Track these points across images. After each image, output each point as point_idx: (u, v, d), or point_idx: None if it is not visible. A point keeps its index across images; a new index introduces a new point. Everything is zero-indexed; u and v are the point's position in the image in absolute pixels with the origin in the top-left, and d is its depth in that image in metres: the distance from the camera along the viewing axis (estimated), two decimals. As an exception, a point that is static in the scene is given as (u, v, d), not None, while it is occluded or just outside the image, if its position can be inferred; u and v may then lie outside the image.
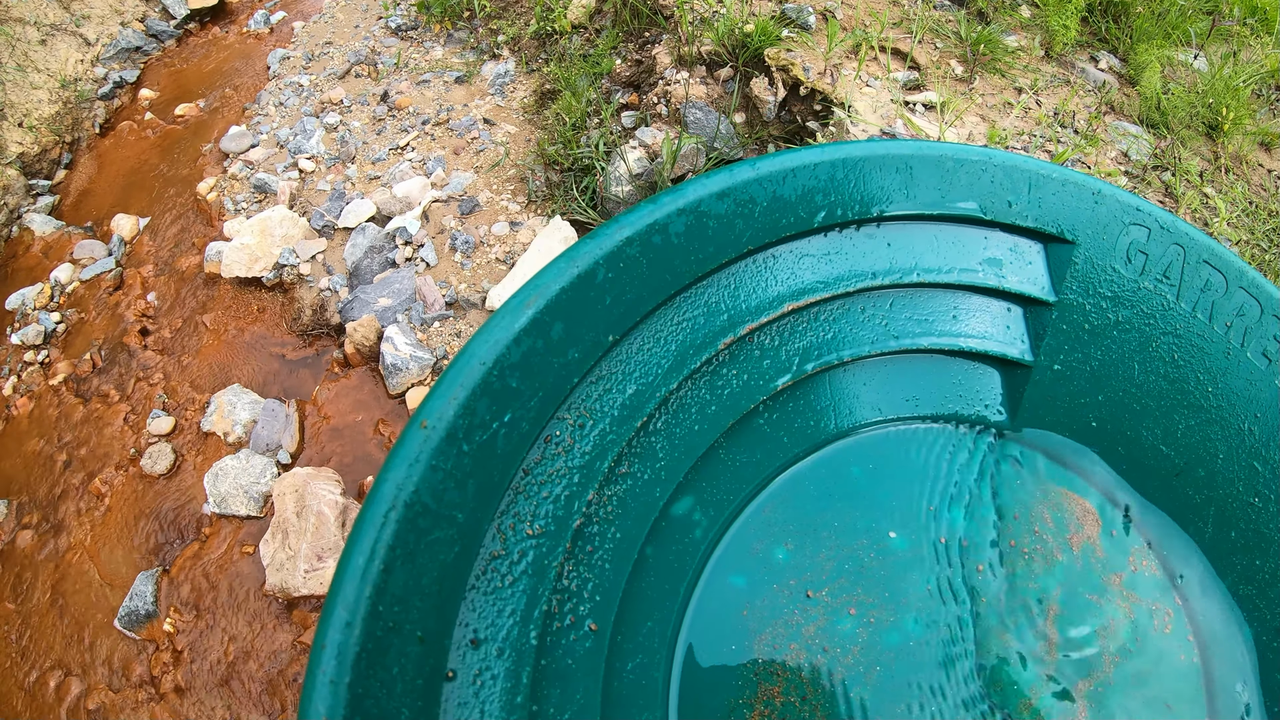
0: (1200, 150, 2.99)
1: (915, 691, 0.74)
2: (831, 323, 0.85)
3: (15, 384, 3.11)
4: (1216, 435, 0.87)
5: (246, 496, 2.57)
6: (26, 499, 2.87)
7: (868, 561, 0.81)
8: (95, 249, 3.43)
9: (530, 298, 0.63)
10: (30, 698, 2.47)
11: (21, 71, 4.05)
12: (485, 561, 0.61)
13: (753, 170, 0.73)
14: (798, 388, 0.85)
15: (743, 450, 0.83)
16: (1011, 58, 2.95)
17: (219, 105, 3.98)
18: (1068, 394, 0.91)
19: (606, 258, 0.66)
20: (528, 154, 3.10)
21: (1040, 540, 0.85)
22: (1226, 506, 0.87)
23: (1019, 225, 0.86)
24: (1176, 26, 3.17)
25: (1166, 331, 0.88)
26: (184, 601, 2.53)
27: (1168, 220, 0.87)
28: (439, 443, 0.57)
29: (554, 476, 0.67)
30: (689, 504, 0.79)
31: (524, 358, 0.62)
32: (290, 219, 3.08)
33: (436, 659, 0.56)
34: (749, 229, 0.74)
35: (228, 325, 3.05)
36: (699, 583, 0.78)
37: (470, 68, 3.55)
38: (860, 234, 0.82)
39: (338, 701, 0.48)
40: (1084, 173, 0.85)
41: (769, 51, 2.77)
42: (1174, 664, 0.81)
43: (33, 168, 3.84)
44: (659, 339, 0.74)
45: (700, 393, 0.78)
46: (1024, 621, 0.80)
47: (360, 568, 0.52)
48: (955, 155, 0.81)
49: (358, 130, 3.39)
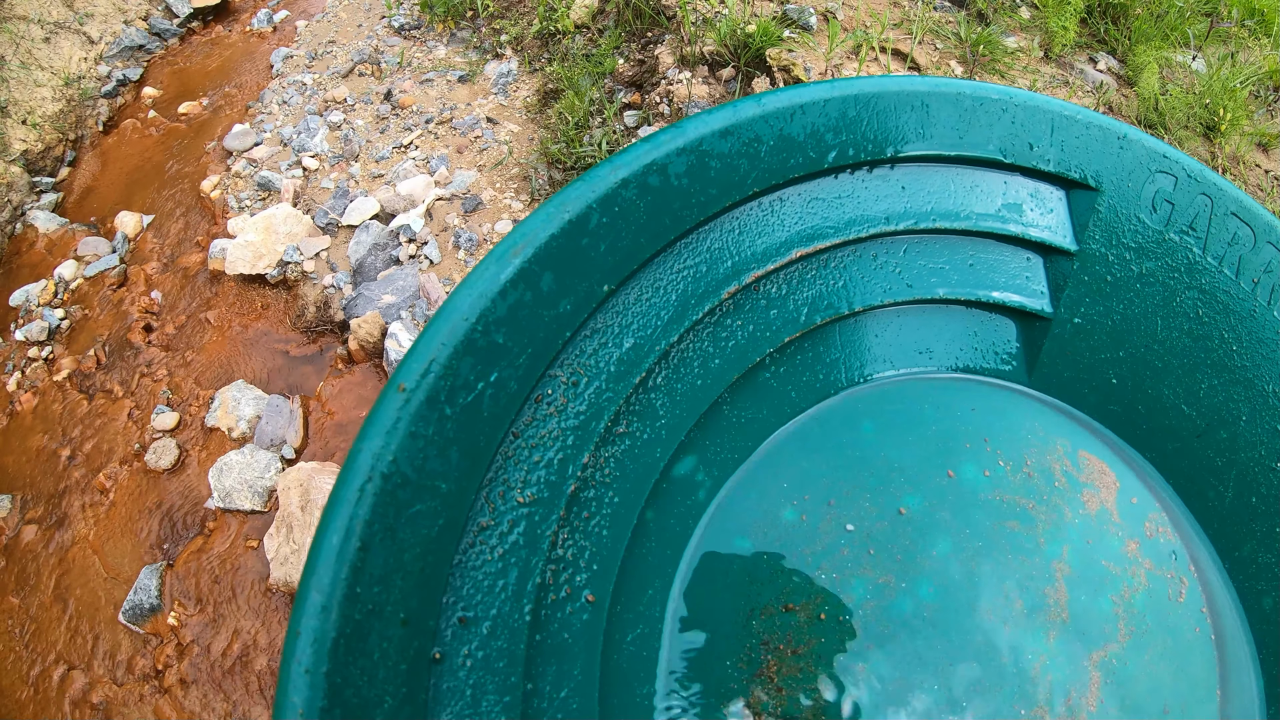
0: (1198, 151, 3.01)
1: (928, 659, 0.71)
2: (842, 270, 0.80)
3: (19, 380, 3.12)
4: (1240, 396, 0.83)
5: (251, 491, 2.59)
6: (30, 494, 2.89)
7: (879, 523, 0.76)
8: (99, 246, 3.45)
9: (517, 246, 0.58)
10: (34, 691, 2.48)
11: (25, 69, 4.07)
12: (473, 534, 0.57)
13: (758, 106, 0.68)
14: (806, 339, 0.81)
15: (748, 406, 0.78)
16: (1011, 59, 2.97)
17: (222, 103, 4.00)
18: (1087, 349, 0.87)
19: (600, 201, 0.61)
20: (531, 152, 3.12)
21: (1056, 501, 0.81)
22: (1248, 471, 0.83)
23: (1040, 169, 0.81)
24: (1175, 28, 3.20)
25: (1191, 286, 0.84)
26: (188, 595, 2.55)
27: (1195, 169, 0.82)
28: (419, 407, 0.53)
29: (546, 439, 0.62)
30: (691, 464, 0.75)
31: (511, 311, 0.58)
32: (294, 216, 3.10)
33: (422, 641, 0.53)
34: (754, 170, 0.69)
35: (231, 322, 3.07)
36: (703, 547, 0.74)
37: (473, 67, 3.57)
38: (873, 176, 0.78)
39: (315, 693, 0.45)
40: (1108, 115, 0.83)
41: (770, 52, 2.80)
42: (1188, 634, 0.79)
43: (36, 165, 3.85)
44: (658, 289, 0.69)
45: (703, 346, 0.73)
46: (1039, 586, 0.76)
47: (335, 547, 0.48)
48: (974, 93, 0.77)
49: (361, 128, 3.41)
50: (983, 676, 0.71)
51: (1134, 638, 0.76)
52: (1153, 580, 0.80)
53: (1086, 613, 0.76)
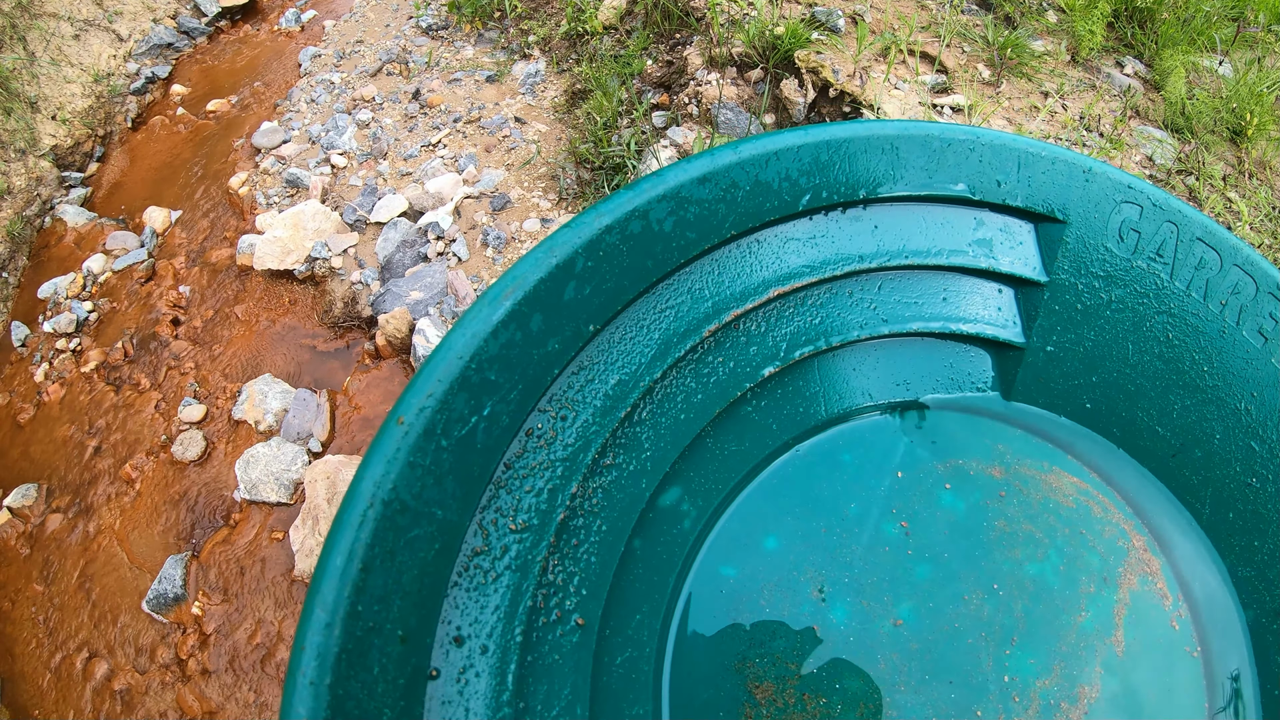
0: (1224, 155, 3.01)
1: (911, 681, 0.73)
2: (819, 307, 0.83)
3: (47, 371, 3.15)
4: (1213, 415, 0.86)
5: (277, 483, 2.60)
6: (57, 483, 2.91)
7: (861, 549, 0.79)
8: (127, 240, 3.48)
9: (508, 289, 0.61)
10: (57, 678, 2.49)
11: (55, 66, 4.12)
12: (467, 558, 0.60)
13: (734, 154, 0.71)
14: (786, 374, 0.84)
15: (731, 439, 0.81)
16: (1038, 62, 2.98)
17: (250, 101, 4.04)
18: (1061, 375, 0.90)
19: (585, 246, 0.64)
20: (559, 152, 3.14)
21: (1036, 524, 0.83)
22: (1224, 487, 0.85)
23: (1009, 205, 0.84)
24: (1201, 33, 3.20)
25: (1161, 311, 0.86)
26: (212, 585, 2.55)
27: (1160, 198, 0.85)
28: (416, 439, 0.56)
29: (536, 470, 0.65)
30: (676, 494, 0.77)
31: (502, 350, 0.61)
32: (322, 213, 3.12)
33: (419, 658, 0.55)
34: (732, 214, 0.72)
35: (259, 316, 3.09)
36: (689, 574, 0.77)
37: (501, 67, 3.60)
38: (846, 217, 0.81)
39: (319, 704, 0.48)
40: (1073, 150, 0.85)
41: (799, 54, 2.81)
42: (1173, 649, 0.80)
43: (65, 160, 3.90)
44: (642, 327, 0.72)
45: (686, 381, 0.76)
46: (1021, 607, 0.78)
47: (339, 568, 0.51)
48: (942, 135, 0.80)
49: (389, 127, 3.44)
50: (964, 697, 0.73)
51: (1119, 653, 0.78)
52: (1136, 598, 0.81)
53: (1070, 631, 0.78)
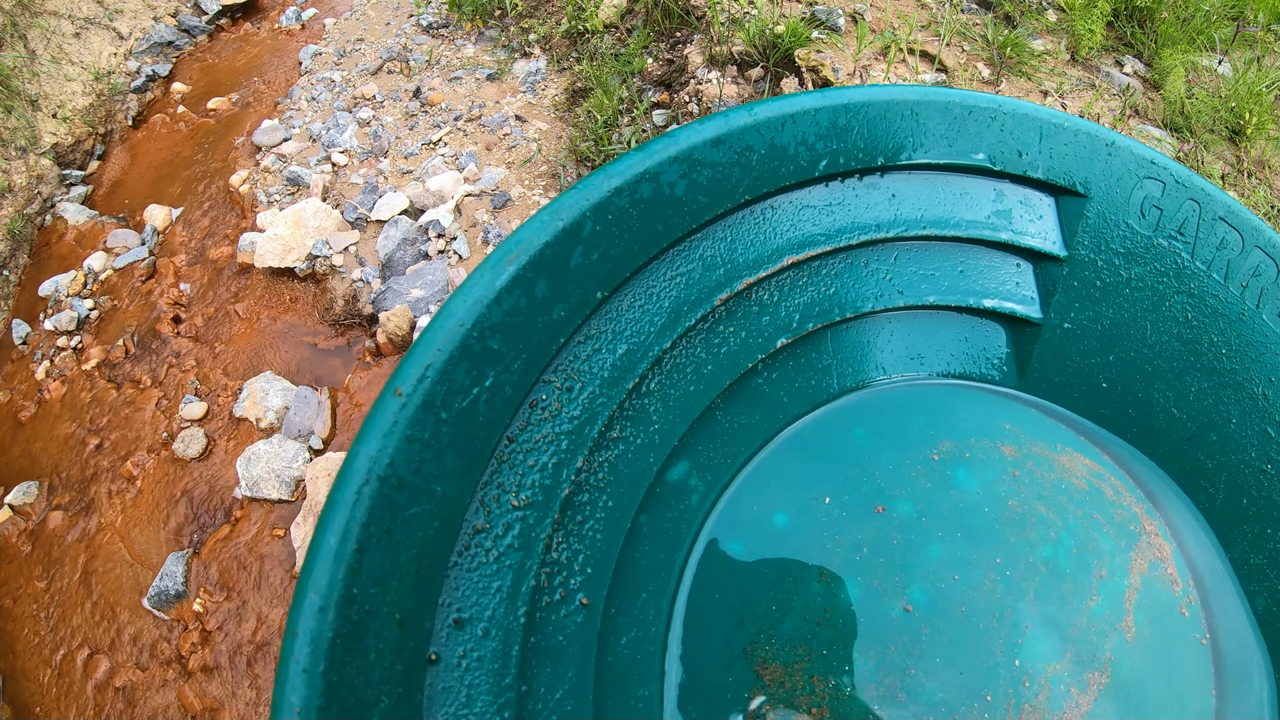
0: (1223, 154, 3.01)
1: (921, 663, 0.71)
2: (834, 277, 0.81)
3: (48, 368, 3.15)
4: (1230, 399, 0.84)
5: (278, 480, 2.61)
6: (58, 481, 2.91)
7: (871, 526, 0.77)
8: (128, 238, 3.48)
9: (512, 253, 0.58)
10: (58, 675, 2.49)
11: (56, 64, 4.12)
12: (468, 537, 0.58)
13: (750, 116, 0.68)
14: (798, 345, 0.81)
15: (741, 411, 0.79)
16: (1038, 61, 2.99)
17: (251, 100, 4.04)
18: (1078, 353, 0.88)
19: (593, 209, 0.62)
20: (560, 150, 3.14)
21: (1049, 506, 0.81)
22: (1239, 473, 0.83)
23: (1029, 177, 0.82)
24: (1201, 32, 3.21)
25: (1180, 290, 0.84)
26: (214, 582, 2.56)
27: (1183, 175, 0.82)
28: (415, 411, 0.53)
29: (540, 443, 0.63)
30: (685, 469, 0.75)
31: (506, 318, 0.58)
32: (323, 211, 3.13)
33: (417, 642, 0.53)
34: (746, 178, 0.70)
35: (260, 314, 3.10)
36: (696, 551, 0.75)
37: (501, 65, 3.60)
38: (863, 184, 0.78)
39: (312, 692, 0.46)
40: (1098, 123, 0.83)
41: (799, 52, 2.82)
42: (1184, 636, 0.79)
43: (66, 158, 3.90)
44: (651, 295, 0.69)
45: (696, 352, 0.74)
46: (1033, 590, 0.76)
47: (332, 549, 0.49)
48: (963, 102, 0.77)
49: (390, 125, 3.44)
50: (975, 681, 0.72)
51: (1129, 639, 0.76)
52: (1146, 583, 0.80)
53: (1081, 615, 0.76)
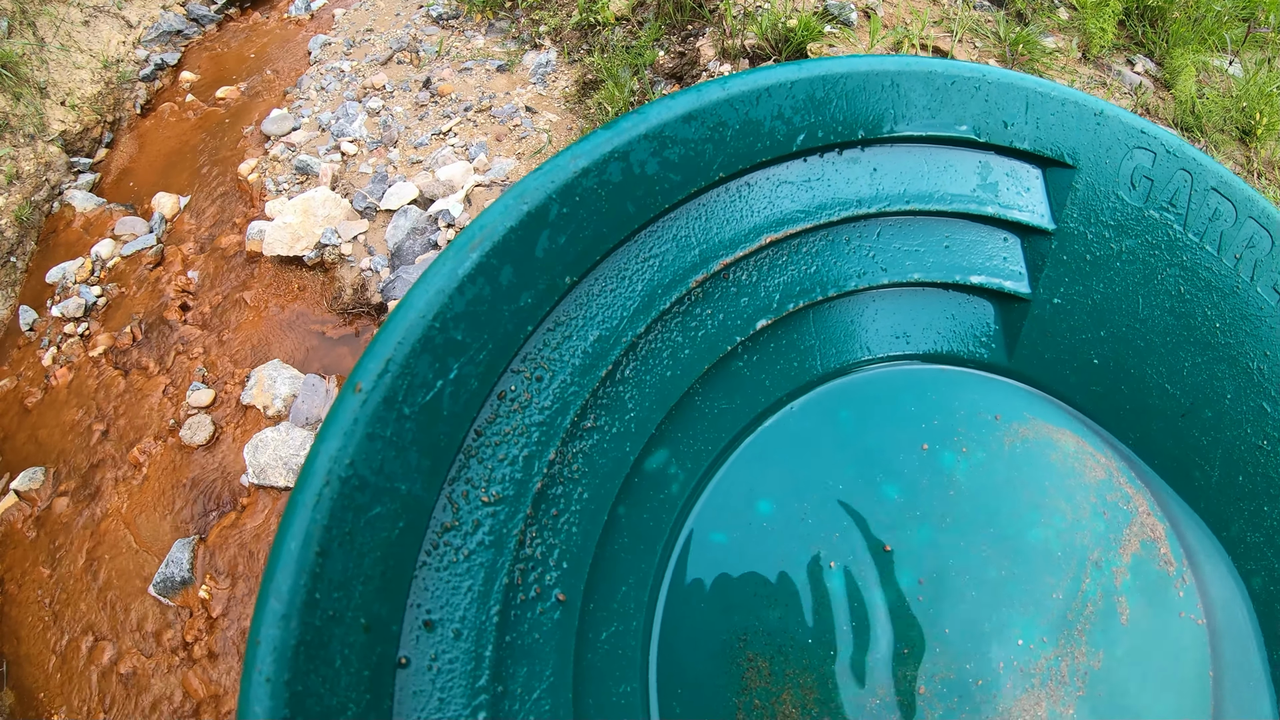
0: (1233, 155, 3.01)
1: (910, 651, 0.70)
2: (814, 256, 0.78)
3: (55, 355, 3.15)
4: (1224, 374, 0.82)
5: (286, 468, 2.60)
6: (64, 467, 2.91)
7: (858, 513, 0.75)
8: (136, 226, 3.48)
9: (475, 239, 0.56)
10: (62, 661, 2.49)
11: (65, 51, 4.12)
12: (436, 535, 0.56)
13: (722, 90, 0.66)
14: (779, 327, 0.79)
15: (721, 397, 0.77)
16: (1049, 59, 2.98)
17: (260, 89, 4.04)
18: (1068, 329, 0.85)
19: (560, 191, 0.60)
20: (570, 142, 3.14)
21: (1040, 487, 0.79)
22: (1234, 449, 0.81)
23: (1016, 148, 0.79)
24: (1212, 32, 3.20)
25: (1172, 263, 0.82)
26: (220, 569, 2.55)
27: (1174, 144, 0.80)
28: (375, 408, 0.52)
29: (510, 436, 0.61)
30: (663, 457, 0.73)
31: (469, 306, 0.56)
32: (332, 200, 3.12)
33: (386, 646, 0.52)
34: (720, 155, 0.67)
35: (268, 302, 3.09)
36: (677, 542, 0.73)
37: (512, 57, 3.60)
38: (843, 159, 0.76)
39: (276, 701, 0.45)
40: (1084, 92, 0.80)
41: (811, 46, 2.81)
42: (1177, 617, 0.78)
43: (74, 146, 3.90)
44: (623, 279, 0.67)
45: (672, 336, 0.71)
46: (1024, 573, 0.74)
47: (294, 554, 0.47)
48: (946, 72, 0.75)
49: (400, 115, 3.44)
50: (966, 664, 0.71)
51: (1122, 621, 0.75)
52: (1140, 564, 0.79)
53: (1074, 598, 0.75)
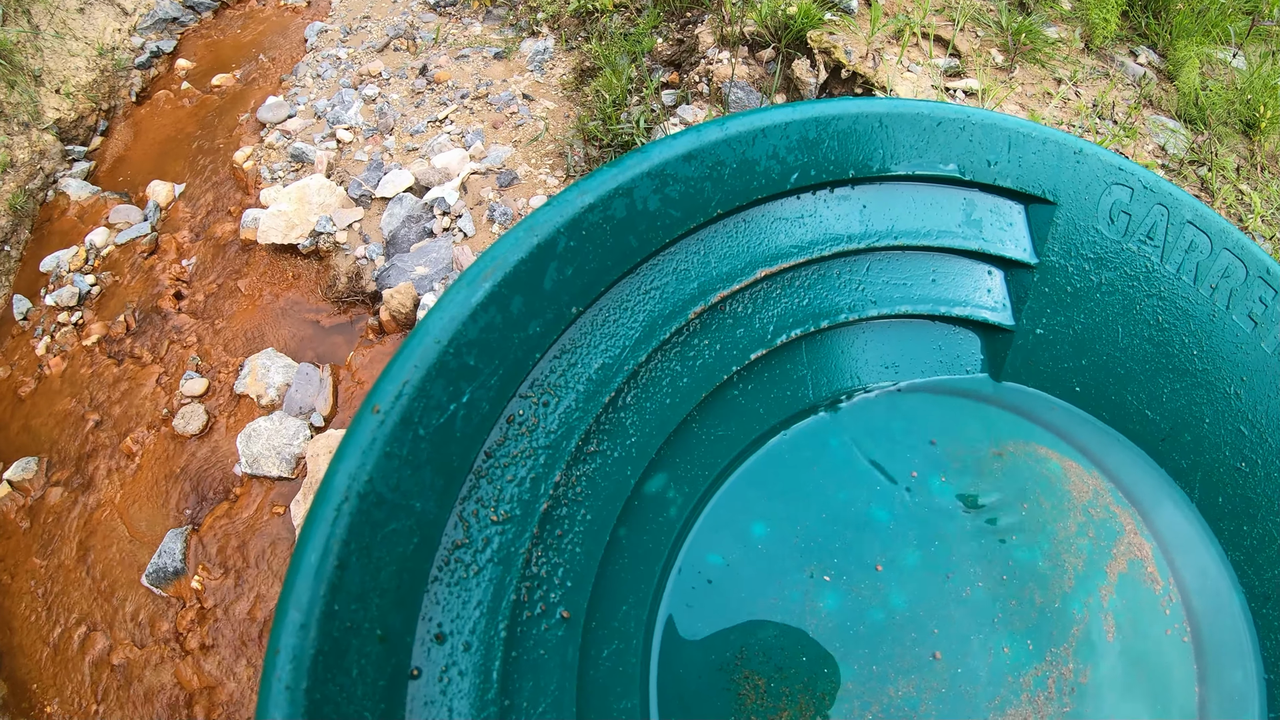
0: (1237, 147, 2.99)
1: (902, 669, 0.72)
2: (806, 289, 0.82)
3: (48, 344, 3.13)
4: (1203, 399, 0.86)
5: (279, 458, 2.58)
6: (57, 457, 2.89)
7: (849, 536, 0.78)
8: (131, 214, 3.45)
9: (487, 270, 0.59)
10: (55, 651, 2.48)
11: (60, 39, 4.08)
12: (448, 551, 0.59)
13: (721, 130, 0.69)
14: (773, 357, 0.82)
15: (717, 424, 0.80)
16: (1052, 49, 2.96)
17: (256, 76, 4.00)
18: (1051, 358, 0.89)
19: (567, 225, 0.62)
20: (567, 129, 3.11)
21: (1027, 509, 0.82)
22: (1214, 471, 0.85)
23: (999, 185, 0.83)
24: (1216, 25, 3.17)
25: (1151, 294, 0.86)
26: (213, 560, 2.54)
27: (1151, 180, 0.84)
28: (393, 428, 0.54)
29: (518, 458, 0.63)
30: (662, 481, 0.75)
31: (482, 334, 0.59)
32: (328, 188, 3.10)
33: (399, 657, 0.54)
34: (718, 192, 0.71)
35: (262, 291, 3.07)
36: (675, 563, 0.75)
37: (509, 44, 3.57)
38: (834, 196, 0.80)
39: (295, 709, 0.46)
40: (1064, 131, 0.82)
41: (811, 34, 2.78)
42: (1163, 633, 0.80)
43: (69, 134, 3.87)
44: (626, 309, 0.70)
45: (671, 365, 0.75)
46: (1013, 593, 0.77)
47: (313, 565, 0.49)
48: (932, 113, 0.78)
49: (396, 102, 3.41)
50: (957, 683, 0.72)
51: (1110, 640, 0.77)
52: (1127, 582, 0.81)
53: (1060, 614, 0.77)
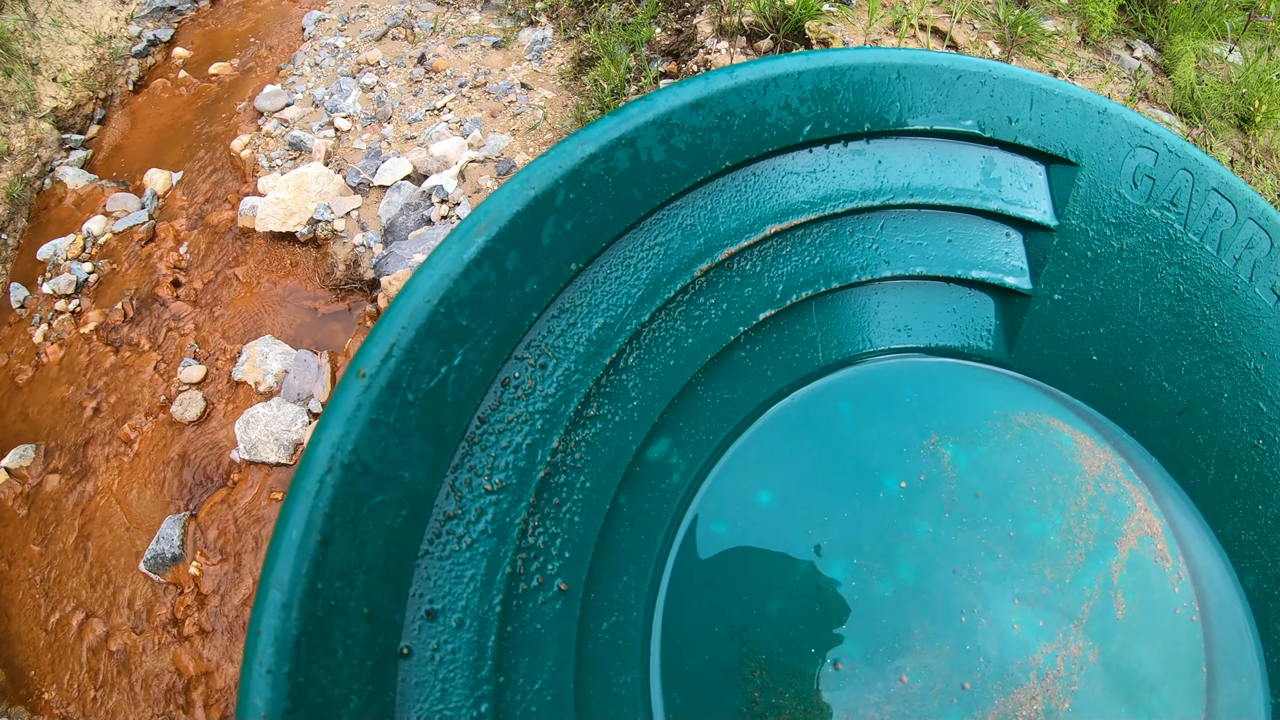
0: (1231, 141, 3.00)
1: (908, 643, 0.70)
2: (818, 247, 0.78)
3: (46, 332, 3.12)
4: (1221, 373, 0.83)
5: (277, 444, 2.59)
6: (54, 444, 2.89)
7: (857, 504, 0.75)
8: (128, 202, 3.45)
9: (480, 224, 0.56)
10: (53, 638, 2.48)
11: (57, 27, 4.07)
12: (439, 524, 0.56)
13: (730, 79, 0.66)
14: (782, 318, 0.79)
15: (723, 387, 0.77)
16: (1048, 42, 2.97)
17: (253, 65, 4.00)
18: (1068, 325, 0.86)
19: (567, 177, 0.59)
20: (565, 118, 3.12)
21: (1038, 481, 0.80)
22: (1230, 448, 0.83)
23: (1020, 144, 0.80)
24: (1212, 19, 3.19)
25: (1172, 262, 0.83)
26: (210, 546, 2.54)
27: (1176, 144, 0.81)
28: (379, 393, 0.51)
29: (514, 424, 0.60)
30: (665, 447, 0.73)
31: (475, 292, 0.56)
32: (326, 175, 3.10)
33: (388, 637, 0.51)
34: (727, 144, 0.68)
35: (260, 278, 3.07)
36: (678, 532, 0.73)
37: (507, 33, 3.57)
38: (849, 150, 0.76)
39: (278, 693, 0.44)
40: (1089, 90, 0.80)
41: (809, 24, 2.79)
42: (1172, 612, 0.78)
43: (66, 122, 3.86)
44: (628, 266, 0.67)
45: (676, 325, 0.71)
46: (1022, 567, 0.75)
47: (295, 542, 0.46)
48: (952, 66, 0.75)
49: (394, 91, 3.41)
50: (964, 658, 0.71)
51: (1118, 617, 0.76)
52: (1137, 559, 0.79)
53: (1070, 592, 0.75)
